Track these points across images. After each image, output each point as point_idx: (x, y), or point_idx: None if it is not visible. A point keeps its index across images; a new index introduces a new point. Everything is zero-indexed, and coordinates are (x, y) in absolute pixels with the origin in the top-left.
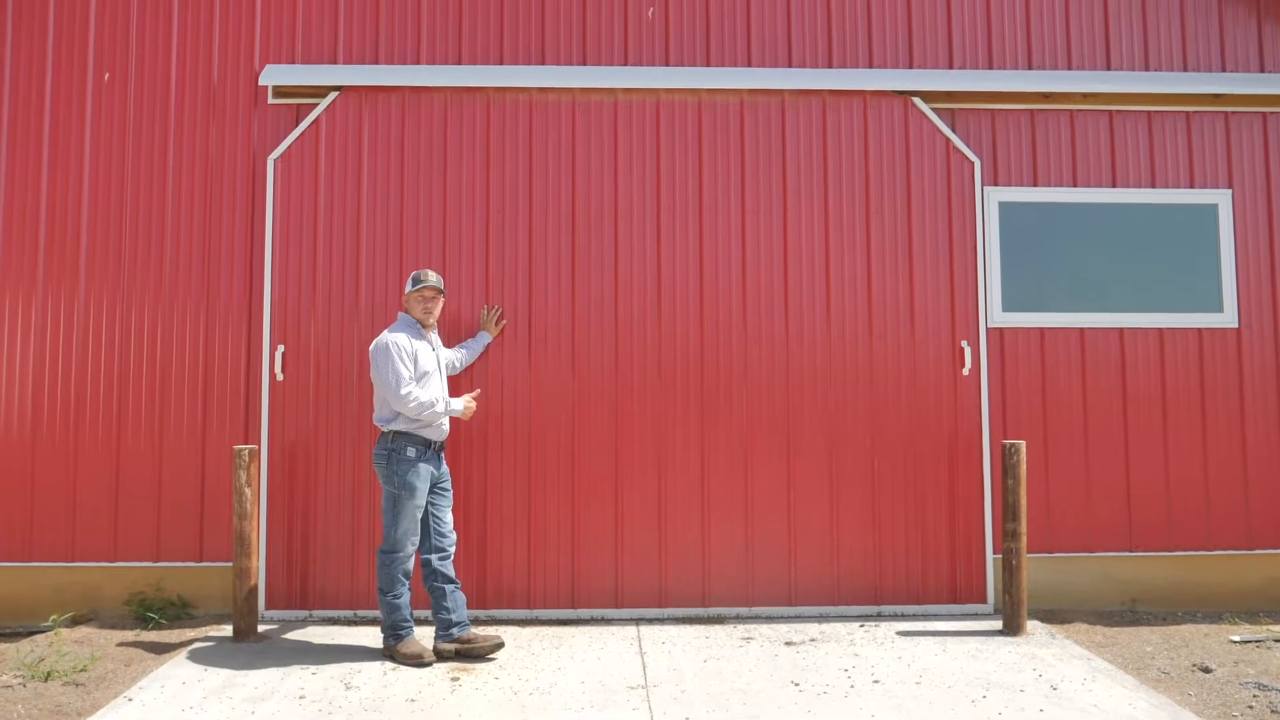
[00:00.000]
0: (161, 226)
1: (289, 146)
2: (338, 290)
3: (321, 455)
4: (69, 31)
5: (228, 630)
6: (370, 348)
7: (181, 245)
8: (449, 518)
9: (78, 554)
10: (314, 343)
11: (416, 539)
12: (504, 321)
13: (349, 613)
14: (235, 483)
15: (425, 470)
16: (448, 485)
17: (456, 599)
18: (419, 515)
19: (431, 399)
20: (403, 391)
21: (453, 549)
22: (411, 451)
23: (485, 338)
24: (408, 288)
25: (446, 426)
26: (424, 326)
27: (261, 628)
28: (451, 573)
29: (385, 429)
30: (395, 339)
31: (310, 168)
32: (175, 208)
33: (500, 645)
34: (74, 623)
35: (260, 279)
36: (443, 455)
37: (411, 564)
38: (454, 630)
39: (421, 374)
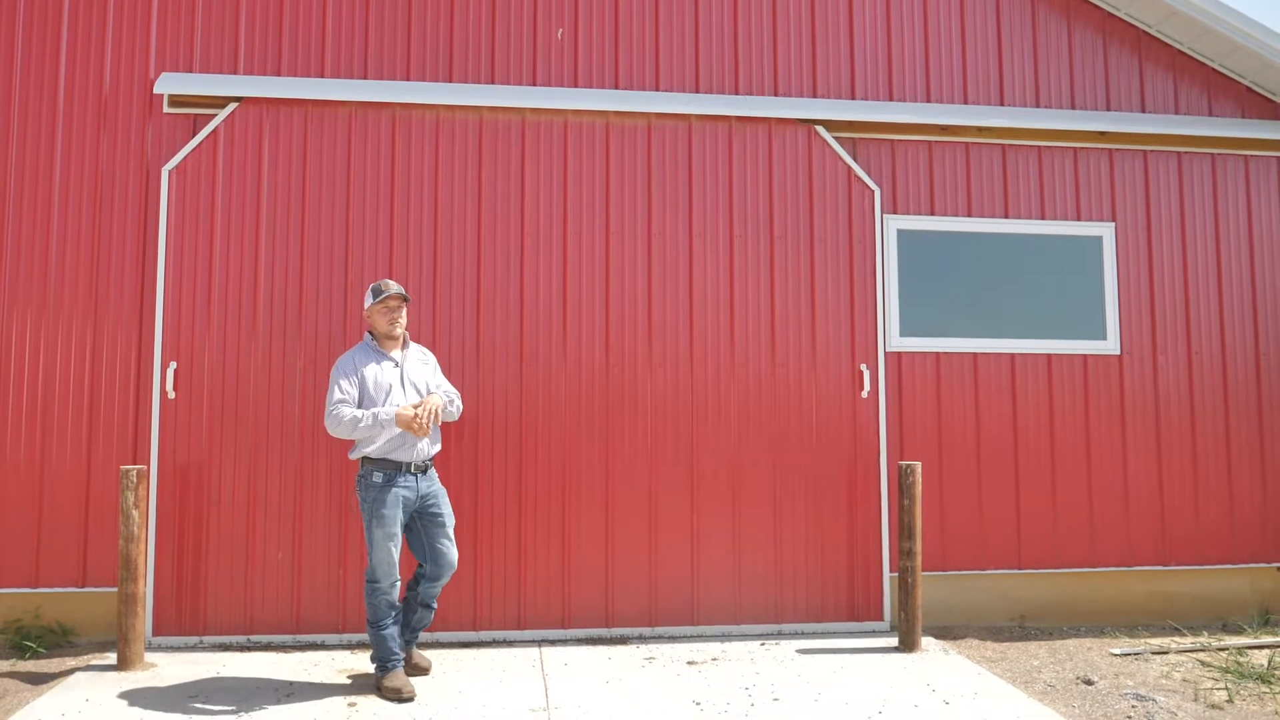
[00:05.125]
0: (46, 238)
1: (185, 158)
2: (234, 306)
3: (215, 475)
4: None
5: (112, 658)
6: None
7: (68, 258)
8: (444, 546)
9: None
10: (208, 360)
11: (394, 570)
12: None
13: (242, 638)
14: (122, 504)
15: (395, 496)
16: (439, 509)
17: (422, 621)
18: (393, 545)
19: (354, 414)
20: (329, 412)
21: (445, 579)
22: (378, 477)
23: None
24: (368, 301)
25: (425, 446)
26: (389, 339)
27: (149, 655)
28: (427, 598)
29: (352, 456)
30: (341, 360)
31: (207, 180)
32: (62, 218)
33: (429, 665)
34: None
35: (152, 294)
36: (423, 477)
37: (395, 595)
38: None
39: (376, 391)
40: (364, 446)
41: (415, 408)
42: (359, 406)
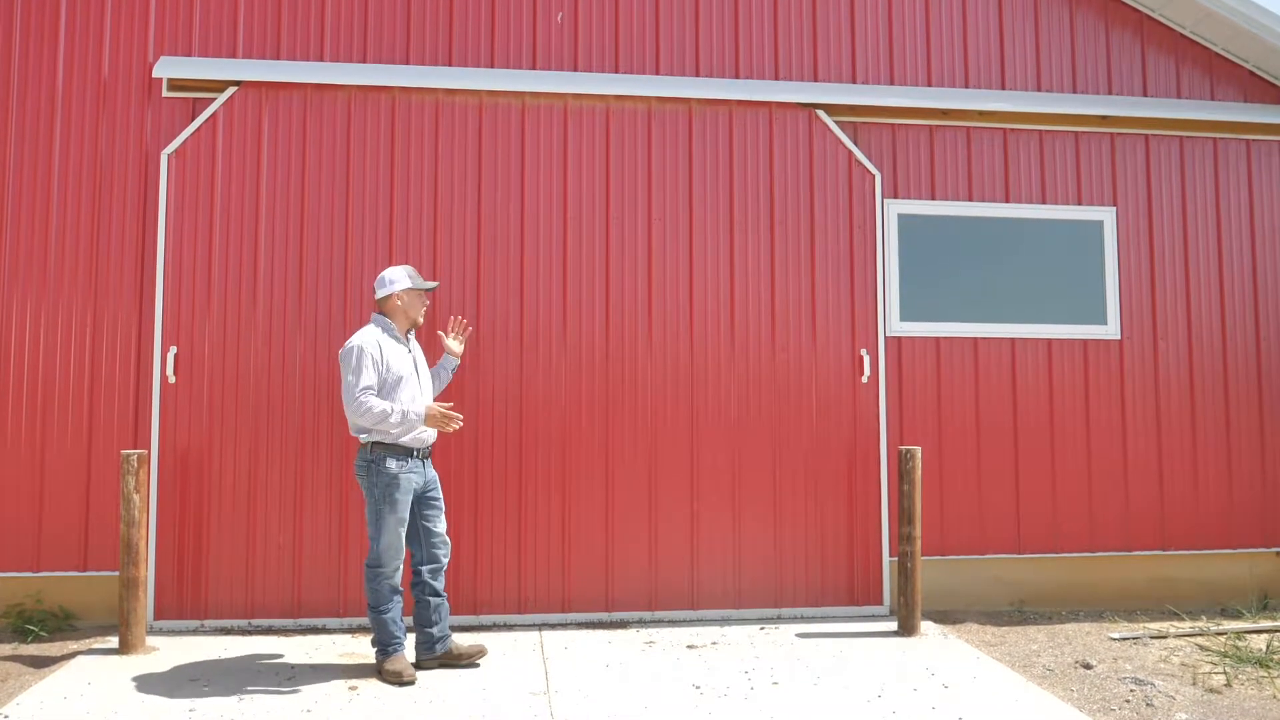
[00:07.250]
0: (46, 222)
1: (184, 142)
2: (234, 291)
3: (215, 460)
4: None
5: (114, 642)
6: (339, 352)
7: (67, 242)
8: (441, 528)
9: None
10: (209, 345)
11: (401, 554)
12: (469, 330)
13: (243, 622)
14: (123, 489)
15: (408, 482)
16: (437, 494)
17: (441, 612)
18: (402, 530)
19: (384, 407)
20: (357, 398)
21: (445, 560)
22: (392, 464)
23: (452, 361)
24: (404, 284)
25: (431, 432)
26: (414, 326)
27: (150, 639)
28: (439, 585)
29: (362, 440)
30: (363, 342)
31: (206, 164)
32: (61, 203)
33: (483, 653)
34: None
35: (152, 278)
36: (428, 462)
37: (399, 578)
38: (437, 646)
39: (396, 380)
40: (377, 431)
41: (447, 406)
42: (378, 393)
